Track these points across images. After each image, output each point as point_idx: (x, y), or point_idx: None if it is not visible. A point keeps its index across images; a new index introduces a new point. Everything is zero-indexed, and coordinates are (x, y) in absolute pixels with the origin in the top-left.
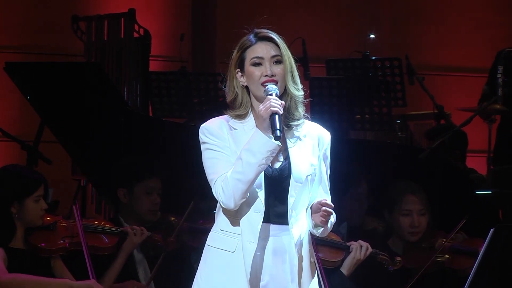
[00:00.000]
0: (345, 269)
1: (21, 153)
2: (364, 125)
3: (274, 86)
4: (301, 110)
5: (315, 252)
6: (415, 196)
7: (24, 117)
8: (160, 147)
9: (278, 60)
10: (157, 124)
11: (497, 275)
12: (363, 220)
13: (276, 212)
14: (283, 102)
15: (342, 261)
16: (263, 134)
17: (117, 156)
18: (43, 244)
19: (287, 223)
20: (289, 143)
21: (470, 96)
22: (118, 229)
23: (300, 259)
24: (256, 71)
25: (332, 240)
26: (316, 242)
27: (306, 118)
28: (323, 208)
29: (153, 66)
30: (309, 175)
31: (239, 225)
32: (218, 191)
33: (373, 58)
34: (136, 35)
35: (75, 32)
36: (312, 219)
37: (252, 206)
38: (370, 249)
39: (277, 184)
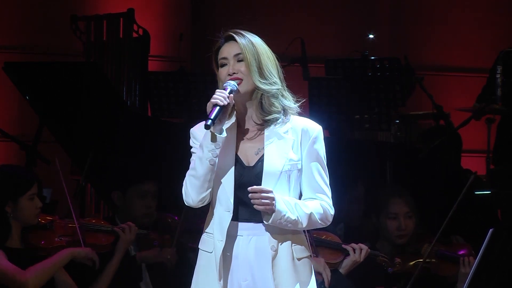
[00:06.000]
0: (343, 270)
1: (20, 153)
2: (363, 125)
3: (232, 82)
4: (277, 104)
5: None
6: (401, 199)
7: (23, 117)
8: (159, 147)
9: (240, 58)
10: (155, 124)
11: (496, 275)
12: (360, 222)
13: (256, 211)
14: (230, 96)
15: (341, 262)
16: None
17: (116, 156)
18: (42, 242)
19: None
20: (267, 140)
21: (469, 96)
22: (110, 228)
23: (280, 258)
24: (223, 72)
25: (331, 241)
26: (316, 243)
27: (300, 114)
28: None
29: (152, 66)
30: (284, 171)
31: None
32: (182, 191)
33: (372, 58)
34: (135, 35)
35: (74, 32)
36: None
37: (224, 205)
38: (368, 251)
39: (250, 182)
